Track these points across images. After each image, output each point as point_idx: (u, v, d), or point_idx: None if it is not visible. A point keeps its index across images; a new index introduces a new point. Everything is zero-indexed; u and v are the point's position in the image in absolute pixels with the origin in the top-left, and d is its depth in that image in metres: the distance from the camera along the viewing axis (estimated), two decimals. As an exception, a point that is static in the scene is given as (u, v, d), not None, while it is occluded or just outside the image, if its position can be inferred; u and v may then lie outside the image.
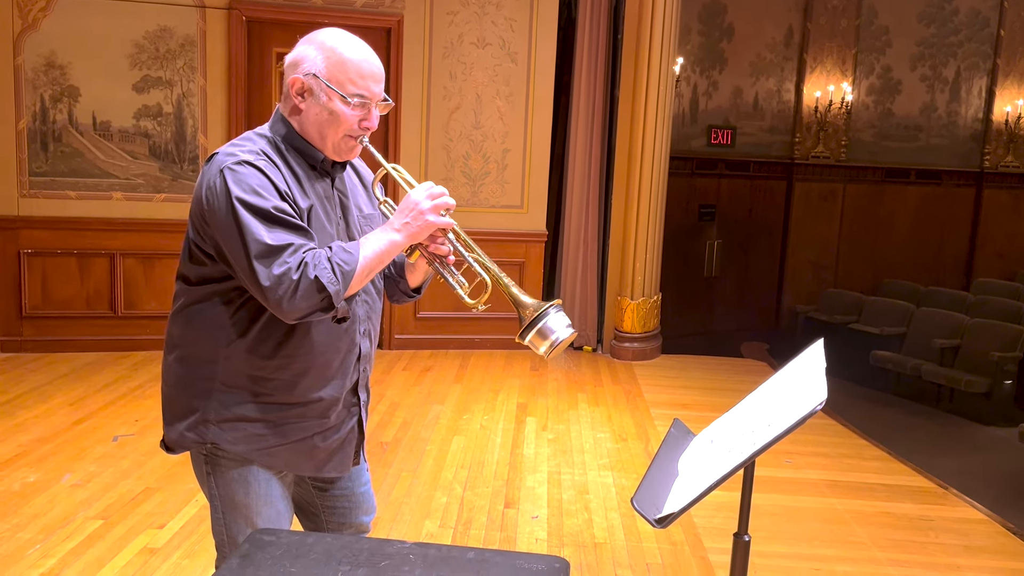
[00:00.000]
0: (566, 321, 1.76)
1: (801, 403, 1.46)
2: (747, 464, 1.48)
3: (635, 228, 6.54)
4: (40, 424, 4.52)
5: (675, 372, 6.40)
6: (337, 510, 2.11)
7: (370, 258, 1.75)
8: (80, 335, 5.91)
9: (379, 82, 1.84)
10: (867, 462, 4.68)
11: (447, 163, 6.39)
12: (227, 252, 1.71)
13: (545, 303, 1.77)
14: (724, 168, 9.10)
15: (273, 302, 1.66)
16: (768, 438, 1.45)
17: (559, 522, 3.67)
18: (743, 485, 1.68)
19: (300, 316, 1.69)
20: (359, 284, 1.75)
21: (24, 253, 5.80)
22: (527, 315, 1.76)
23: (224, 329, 1.80)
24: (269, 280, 1.64)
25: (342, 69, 1.79)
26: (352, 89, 1.79)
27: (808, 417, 1.39)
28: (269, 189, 1.71)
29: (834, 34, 9.35)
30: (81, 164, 5.86)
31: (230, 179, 1.69)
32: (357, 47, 1.83)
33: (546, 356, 1.79)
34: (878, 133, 9.62)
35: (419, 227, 1.78)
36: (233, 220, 1.67)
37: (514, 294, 1.79)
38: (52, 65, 5.74)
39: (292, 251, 1.66)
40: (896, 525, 3.84)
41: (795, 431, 1.30)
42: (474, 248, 1.84)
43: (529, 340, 1.76)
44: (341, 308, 1.72)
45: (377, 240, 1.78)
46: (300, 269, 1.65)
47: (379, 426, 4.76)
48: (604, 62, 6.63)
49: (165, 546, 3.26)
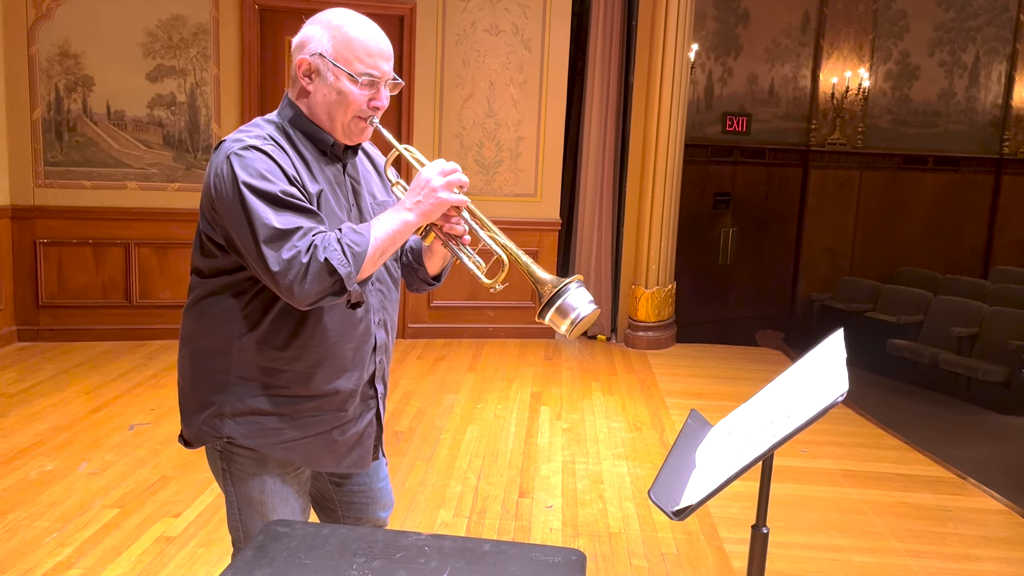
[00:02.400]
0: (588, 297, 1.68)
1: (821, 394, 1.44)
2: (768, 455, 1.46)
3: (649, 216, 6.50)
4: (57, 413, 4.55)
5: (690, 361, 6.37)
6: (354, 505, 2.09)
7: (382, 239, 1.70)
8: (96, 324, 5.94)
9: (388, 60, 1.79)
10: (884, 451, 4.64)
11: (460, 151, 6.36)
12: (236, 239, 1.68)
13: (565, 279, 1.69)
14: (739, 155, 9.03)
15: (284, 287, 1.63)
16: (788, 430, 1.43)
17: (573, 512, 3.66)
18: (761, 477, 1.65)
19: (312, 301, 1.65)
20: (372, 266, 1.70)
21: (40, 243, 5.83)
22: (546, 292, 1.68)
23: (237, 321, 1.77)
24: (279, 265, 1.61)
25: (349, 47, 1.74)
26: (360, 67, 1.75)
27: (829, 409, 1.37)
28: (276, 173, 1.68)
29: (851, 19, 9.24)
30: (95, 154, 5.87)
31: (236, 164, 1.66)
32: (364, 25, 1.79)
33: (568, 335, 1.71)
34: (895, 119, 9.52)
35: (432, 205, 1.72)
36: (240, 205, 1.64)
37: (532, 271, 1.72)
38: (66, 54, 5.74)
39: (301, 234, 1.63)
40: (913, 515, 3.81)
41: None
42: (490, 226, 1.78)
43: (549, 319, 1.69)
44: (354, 292, 1.68)
45: (389, 220, 1.73)
46: (310, 252, 1.61)
47: (393, 415, 4.76)
48: (618, 49, 6.58)
49: (181, 534, 3.27)
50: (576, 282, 1.70)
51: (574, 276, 1.72)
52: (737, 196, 9.07)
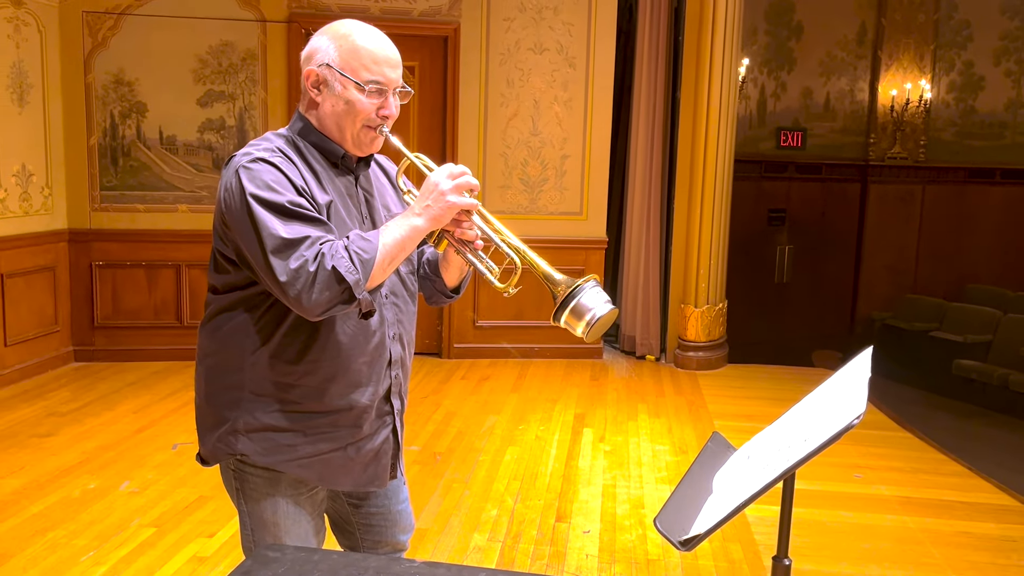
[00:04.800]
0: (604, 297, 1.64)
1: (838, 417, 1.34)
2: (778, 482, 1.36)
3: (698, 233, 6.37)
4: (105, 431, 4.63)
5: (741, 382, 6.19)
6: (373, 527, 2.04)
7: (390, 245, 1.67)
8: (148, 344, 6.06)
9: (395, 68, 1.78)
10: (945, 478, 4.41)
11: (505, 171, 6.34)
12: (246, 251, 1.67)
13: (579, 279, 1.65)
14: (794, 171, 8.81)
15: (292, 297, 1.61)
16: (802, 455, 1.33)
17: (611, 537, 3.55)
18: (782, 504, 1.54)
19: (322, 310, 1.62)
20: (382, 274, 1.67)
21: (96, 265, 5.98)
22: (560, 292, 1.64)
23: (250, 336, 1.76)
24: (286, 275, 1.59)
25: (355, 56, 1.74)
26: (367, 76, 1.73)
27: (843, 433, 1.27)
28: (284, 184, 1.67)
29: (911, 30, 8.96)
30: (148, 178, 6.01)
31: (244, 177, 1.66)
32: (370, 33, 1.78)
33: (585, 337, 1.66)
34: (960, 131, 9.17)
35: (441, 209, 1.69)
36: (248, 217, 1.63)
37: (545, 271, 1.69)
38: (121, 82, 5.91)
39: (309, 244, 1.61)
40: (975, 546, 3.59)
41: (863, 444, 1.19)
42: (501, 229, 1.75)
43: (564, 321, 1.65)
44: (364, 300, 1.64)
45: (397, 226, 1.70)
46: (317, 260, 1.59)
47: (433, 436, 4.72)
48: (665, 65, 6.49)
49: (214, 555, 3.27)
50: (592, 282, 1.66)
51: (589, 276, 1.67)
52: (793, 212, 8.84)
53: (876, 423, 5.26)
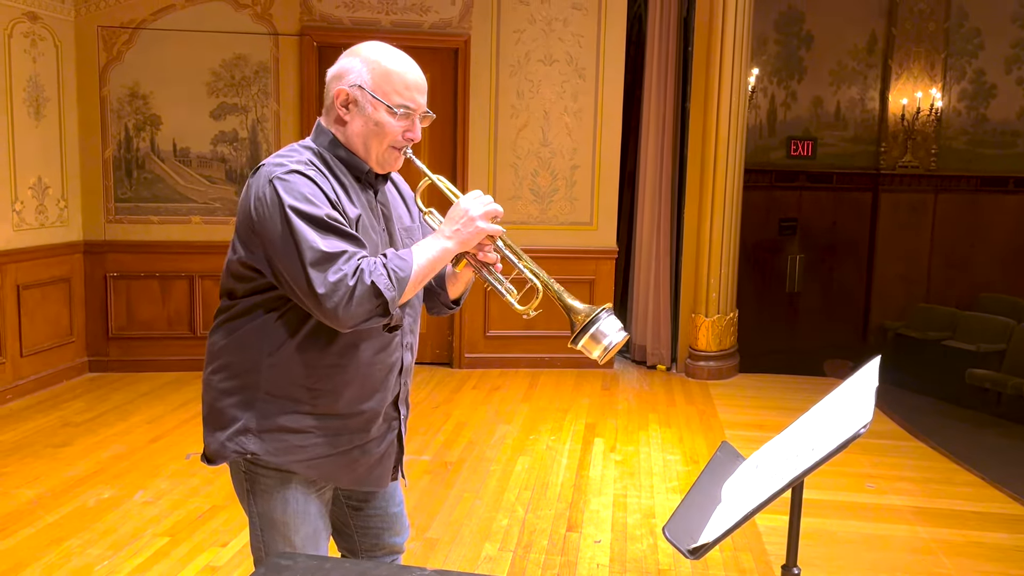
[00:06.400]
0: (618, 325, 1.78)
1: (845, 426, 1.34)
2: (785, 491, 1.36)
3: (708, 243, 6.37)
4: (119, 441, 4.66)
5: (753, 392, 6.18)
6: (371, 531, 2.10)
7: (423, 265, 1.76)
8: (161, 355, 6.10)
9: (423, 93, 1.86)
10: (958, 488, 4.39)
11: (515, 181, 6.36)
12: (278, 262, 1.71)
13: (596, 308, 1.78)
14: (805, 180, 8.80)
15: (328, 309, 1.66)
16: (809, 464, 1.34)
17: (623, 547, 3.55)
18: (791, 513, 1.55)
19: (356, 323, 1.69)
20: (412, 292, 1.76)
21: (110, 276, 6.03)
22: (579, 320, 1.78)
23: (268, 338, 1.80)
24: (325, 287, 1.65)
25: (388, 80, 1.81)
26: (398, 100, 1.81)
27: (850, 441, 1.28)
28: (320, 197, 1.72)
29: (921, 39, 8.95)
30: (162, 190, 6.07)
31: (281, 188, 1.70)
32: (401, 59, 1.85)
33: (600, 360, 1.82)
34: (971, 140, 9.14)
35: (470, 234, 1.79)
36: (287, 228, 1.68)
37: (564, 300, 1.81)
38: (135, 95, 5.97)
39: (346, 258, 1.67)
40: (988, 556, 3.57)
41: (876, 454, 1.19)
42: (522, 255, 1.85)
43: (582, 345, 1.78)
44: (395, 316, 1.73)
45: (429, 247, 1.79)
46: (356, 275, 1.66)
47: (444, 445, 4.73)
48: (674, 74, 6.51)
49: (226, 564, 3.29)
50: (607, 310, 1.78)
51: (604, 305, 1.79)
52: (804, 222, 8.82)
53: (889, 433, 5.24)
